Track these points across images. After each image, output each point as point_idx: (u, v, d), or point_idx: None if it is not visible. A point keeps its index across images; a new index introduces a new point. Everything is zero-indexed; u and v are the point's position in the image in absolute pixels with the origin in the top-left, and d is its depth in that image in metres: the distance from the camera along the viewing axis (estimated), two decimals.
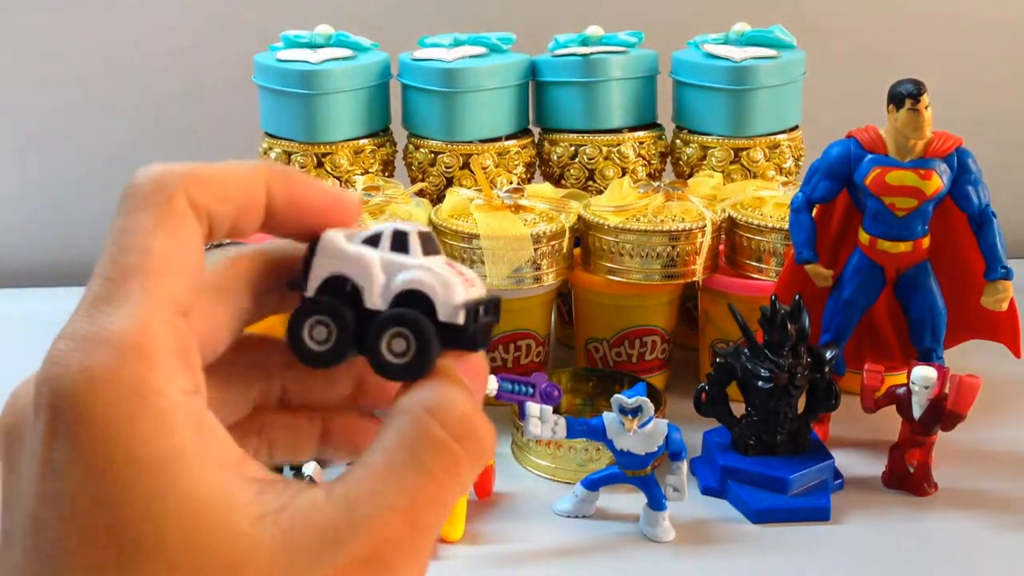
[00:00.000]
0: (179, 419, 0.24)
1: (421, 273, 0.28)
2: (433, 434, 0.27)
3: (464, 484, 0.27)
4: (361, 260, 0.28)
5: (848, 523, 0.78)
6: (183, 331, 0.25)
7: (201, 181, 0.27)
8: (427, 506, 0.26)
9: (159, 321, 0.24)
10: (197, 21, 1.31)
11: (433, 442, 0.27)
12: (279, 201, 0.28)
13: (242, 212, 0.28)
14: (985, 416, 0.89)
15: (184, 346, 0.25)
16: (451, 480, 0.27)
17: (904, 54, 1.37)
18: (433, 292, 0.28)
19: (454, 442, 0.27)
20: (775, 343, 0.79)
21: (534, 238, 0.89)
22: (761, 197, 0.95)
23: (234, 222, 0.28)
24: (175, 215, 0.26)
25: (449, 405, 0.27)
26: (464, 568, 0.73)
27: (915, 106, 0.79)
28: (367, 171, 1.02)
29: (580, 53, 1.02)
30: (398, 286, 0.28)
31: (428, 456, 0.26)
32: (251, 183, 0.28)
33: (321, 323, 0.28)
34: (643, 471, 0.76)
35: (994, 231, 0.83)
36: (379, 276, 0.28)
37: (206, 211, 0.27)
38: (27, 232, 1.38)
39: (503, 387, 0.71)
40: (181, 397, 0.24)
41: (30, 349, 1.23)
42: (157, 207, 0.26)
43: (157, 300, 0.25)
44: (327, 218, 0.29)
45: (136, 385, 0.23)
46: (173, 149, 1.35)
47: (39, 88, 1.33)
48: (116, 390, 0.23)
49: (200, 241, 0.27)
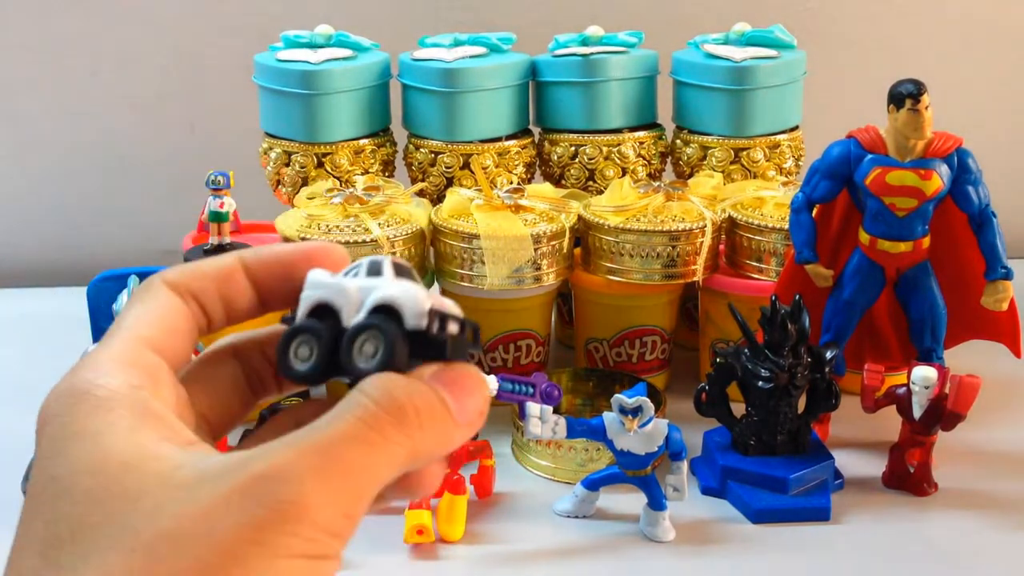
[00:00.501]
0: (117, 402, 0.28)
1: (390, 289, 0.31)
2: (353, 396, 0.28)
3: (391, 447, 0.28)
4: (339, 287, 0.32)
5: (848, 523, 0.78)
6: (139, 349, 0.30)
7: (177, 268, 0.32)
8: (342, 445, 0.27)
9: (117, 344, 0.30)
10: (197, 21, 1.31)
11: (352, 401, 0.28)
12: (254, 264, 0.32)
13: (221, 283, 0.32)
14: (985, 416, 0.89)
15: (135, 358, 0.29)
16: (370, 433, 0.27)
17: (904, 54, 1.37)
18: (399, 303, 0.31)
19: (372, 402, 0.28)
20: (775, 343, 0.79)
21: (534, 238, 0.89)
22: (761, 197, 0.95)
23: (220, 293, 0.32)
24: (150, 291, 0.32)
25: (380, 382, 0.29)
26: (464, 568, 0.73)
27: (915, 106, 0.79)
28: (367, 171, 1.02)
29: (580, 53, 1.02)
30: (370, 303, 0.31)
31: (347, 411, 0.28)
32: (223, 260, 0.33)
33: (304, 343, 0.32)
34: (643, 471, 0.76)
35: (994, 231, 0.83)
36: (354, 296, 0.32)
37: (185, 287, 0.32)
38: (27, 232, 1.38)
39: (503, 387, 0.71)
40: (125, 389, 0.28)
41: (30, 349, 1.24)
42: (139, 293, 0.32)
43: (121, 337, 0.30)
44: (308, 266, 0.33)
45: (82, 384, 0.28)
46: (173, 149, 1.35)
47: (39, 88, 1.33)
48: (67, 389, 0.28)
49: (171, 302, 0.32)
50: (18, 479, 0.74)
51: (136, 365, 0.29)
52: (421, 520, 0.73)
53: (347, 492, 0.27)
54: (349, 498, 0.27)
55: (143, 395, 0.28)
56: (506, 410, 0.88)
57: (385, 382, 0.29)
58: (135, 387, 0.28)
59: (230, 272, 0.32)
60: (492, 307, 0.94)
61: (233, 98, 1.28)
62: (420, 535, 0.74)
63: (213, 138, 1.34)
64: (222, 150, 1.26)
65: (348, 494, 0.27)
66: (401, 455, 0.28)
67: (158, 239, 1.33)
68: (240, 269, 0.32)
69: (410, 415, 0.28)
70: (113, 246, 1.37)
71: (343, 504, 0.27)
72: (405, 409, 0.28)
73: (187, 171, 1.25)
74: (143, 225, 1.37)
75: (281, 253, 0.33)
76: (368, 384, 0.29)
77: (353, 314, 0.31)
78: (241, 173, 1.02)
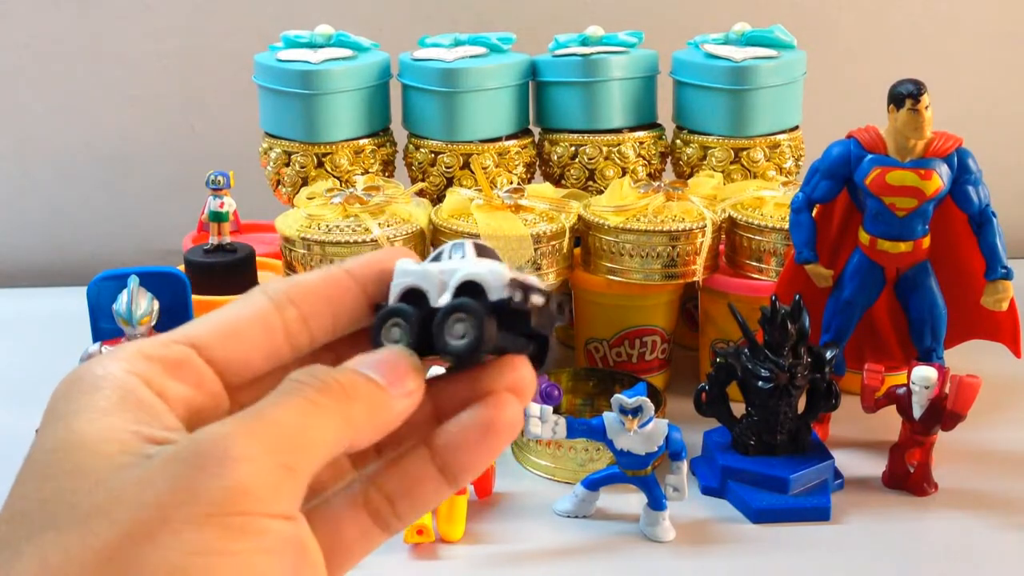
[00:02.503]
0: (103, 385, 0.28)
1: (472, 267, 0.32)
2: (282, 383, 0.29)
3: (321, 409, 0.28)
4: (425, 271, 0.33)
5: (848, 523, 0.78)
6: (167, 342, 0.30)
7: (282, 279, 0.32)
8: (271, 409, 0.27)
9: (158, 337, 0.30)
10: (197, 21, 1.31)
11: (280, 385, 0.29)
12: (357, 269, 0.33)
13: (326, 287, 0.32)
14: (985, 416, 0.89)
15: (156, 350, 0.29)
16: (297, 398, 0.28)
17: (904, 54, 1.37)
18: (482, 279, 0.32)
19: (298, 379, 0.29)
20: (775, 343, 0.79)
21: (534, 238, 0.89)
22: (761, 197, 0.95)
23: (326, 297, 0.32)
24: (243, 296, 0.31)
25: (305, 370, 0.29)
26: (464, 568, 0.73)
27: (915, 106, 0.79)
28: (367, 171, 1.02)
29: (580, 53, 1.02)
30: (455, 282, 0.32)
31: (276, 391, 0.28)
32: (328, 268, 0.32)
33: (395, 325, 0.32)
34: (643, 471, 0.76)
35: (994, 231, 0.83)
36: (439, 278, 0.33)
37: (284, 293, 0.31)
38: (27, 232, 1.38)
39: None
40: (118, 373, 0.28)
41: (30, 349, 1.23)
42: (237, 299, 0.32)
43: (166, 333, 0.30)
44: None
45: (85, 368, 0.29)
46: (173, 149, 1.35)
47: (39, 88, 1.33)
48: (72, 373, 0.29)
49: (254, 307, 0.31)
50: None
51: (152, 357, 0.29)
52: (421, 520, 0.73)
53: (279, 444, 0.26)
54: (282, 449, 0.26)
55: (131, 380, 0.28)
56: None
57: (310, 369, 0.29)
58: (128, 372, 0.28)
59: (336, 277, 0.32)
60: None
61: (233, 98, 1.28)
62: (420, 535, 0.74)
63: (213, 138, 1.34)
64: (222, 150, 1.26)
65: (280, 446, 0.26)
66: (334, 419, 0.28)
67: (158, 239, 1.33)
68: (345, 275, 0.32)
69: (334, 386, 0.29)
70: (113, 246, 1.37)
71: (277, 455, 0.26)
72: (329, 382, 0.29)
73: (187, 171, 1.26)
74: (143, 225, 1.37)
75: (379, 255, 0.33)
76: (294, 373, 0.29)
77: (439, 294, 0.32)
78: (241, 173, 1.02)
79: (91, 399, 0.27)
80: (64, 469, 0.26)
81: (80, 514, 0.25)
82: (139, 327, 0.79)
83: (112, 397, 0.27)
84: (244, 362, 0.30)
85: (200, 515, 0.25)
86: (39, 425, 0.28)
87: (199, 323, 0.30)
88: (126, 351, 0.29)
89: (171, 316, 0.82)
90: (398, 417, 0.30)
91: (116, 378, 0.28)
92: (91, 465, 0.26)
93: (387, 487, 0.31)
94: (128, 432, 0.27)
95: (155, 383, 0.28)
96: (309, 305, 0.31)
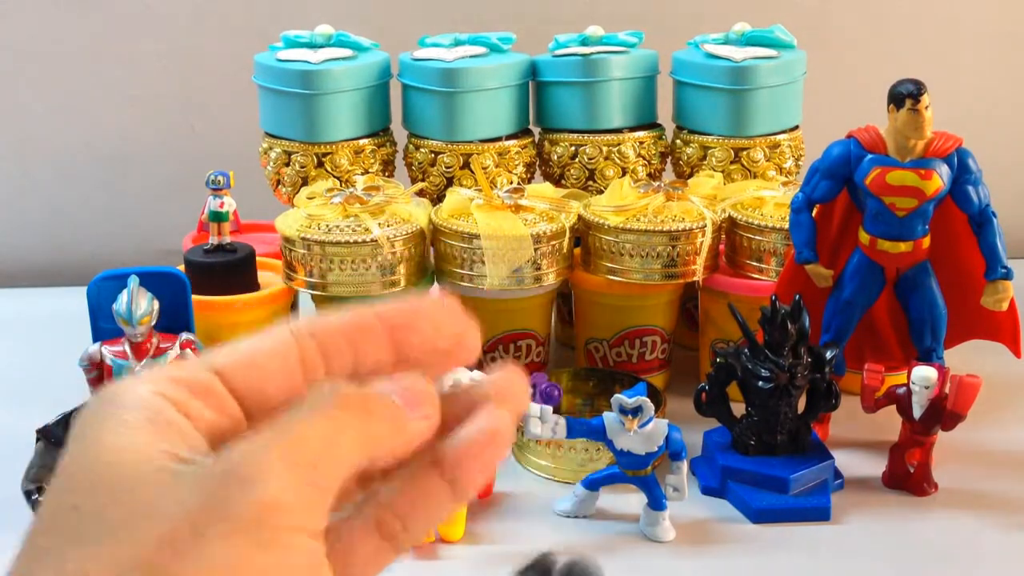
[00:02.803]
0: (132, 405, 0.28)
1: None
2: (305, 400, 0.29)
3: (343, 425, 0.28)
4: None
5: (848, 523, 0.78)
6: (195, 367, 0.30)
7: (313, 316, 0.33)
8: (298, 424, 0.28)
9: (187, 362, 0.31)
10: (197, 21, 1.31)
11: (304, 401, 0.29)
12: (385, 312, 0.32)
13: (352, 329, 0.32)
14: (985, 416, 0.89)
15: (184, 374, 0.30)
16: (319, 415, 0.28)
17: (904, 54, 1.37)
18: None
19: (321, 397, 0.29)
20: (775, 343, 0.79)
21: (534, 238, 0.89)
22: (761, 197, 0.95)
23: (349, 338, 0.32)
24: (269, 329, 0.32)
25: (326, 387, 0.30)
26: (464, 568, 0.73)
27: (915, 106, 0.79)
28: (367, 171, 1.02)
29: (580, 53, 1.02)
30: None
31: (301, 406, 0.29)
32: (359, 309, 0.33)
33: None
34: (643, 471, 0.76)
35: (994, 231, 0.83)
36: None
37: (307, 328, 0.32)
38: (27, 232, 1.38)
39: None
40: (146, 394, 0.29)
41: (30, 349, 1.23)
42: None
43: (195, 358, 0.32)
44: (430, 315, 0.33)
45: (115, 388, 0.29)
46: (173, 149, 1.35)
47: (39, 88, 1.33)
48: (103, 392, 0.29)
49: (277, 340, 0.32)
50: (18, 479, 0.74)
51: (179, 381, 0.30)
52: None
53: (307, 459, 0.27)
54: (310, 465, 0.27)
55: (160, 402, 0.29)
56: None
57: (335, 385, 0.30)
58: (156, 394, 0.29)
59: (362, 317, 0.32)
60: (492, 307, 0.94)
61: (233, 98, 1.28)
62: None
63: (213, 138, 1.34)
64: (222, 150, 1.26)
65: (308, 461, 0.27)
66: (358, 436, 0.29)
67: (158, 239, 1.33)
68: (373, 316, 0.32)
69: (358, 403, 0.29)
70: (113, 246, 1.37)
71: (305, 470, 0.27)
72: (353, 399, 0.29)
73: (187, 171, 1.25)
74: (143, 225, 1.37)
75: (413, 304, 0.33)
76: (320, 386, 0.30)
77: None
78: (241, 173, 1.02)
79: (121, 417, 0.28)
80: (95, 483, 0.27)
81: (111, 527, 0.26)
82: (139, 327, 0.79)
83: (141, 416, 0.28)
84: (262, 391, 0.31)
85: (231, 529, 0.25)
86: (70, 439, 0.29)
87: (222, 352, 0.31)
88: (154, 375, 0.30)
89: (171, 316, 0.82)
90: (415, 438, 0.30)
91: (145, 399, 0.29)
92: (123, 479, 0.27)
93: (396, 504, 0.31)
94: (158, 450, 0.27)
95: (182, 405, 0.29)
96: (330, 340, 0.32)
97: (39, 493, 0.73)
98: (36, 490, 0.73)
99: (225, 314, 0.92)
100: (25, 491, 0.73)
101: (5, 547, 0.28)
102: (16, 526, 0.28)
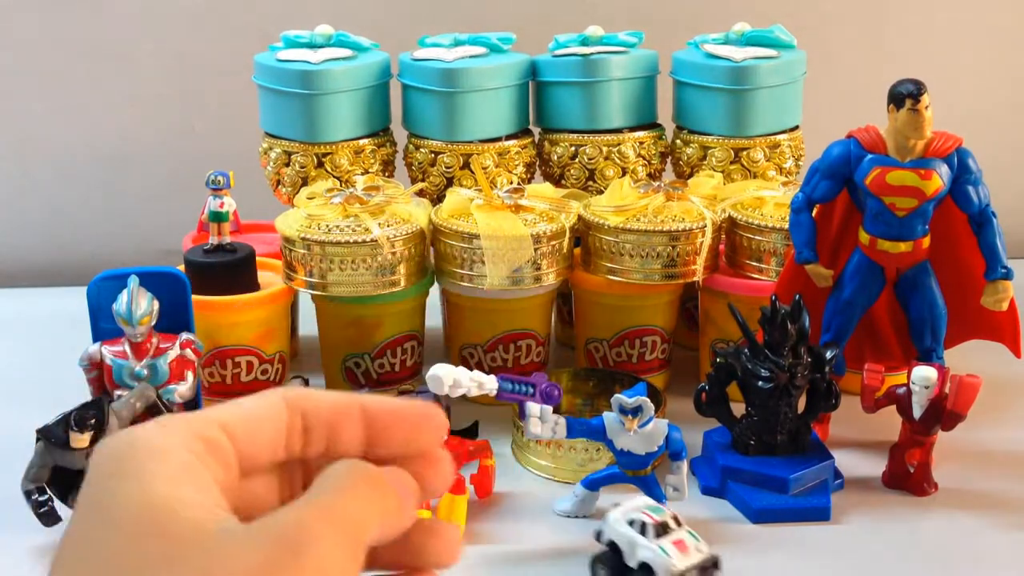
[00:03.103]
0: (167, 456, 0.30)
1: (646, 553, 0.65)
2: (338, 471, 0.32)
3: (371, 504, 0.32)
4: (625, 536, 0.66)
5: (848, 523, 0.78)
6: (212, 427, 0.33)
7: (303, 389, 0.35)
8: (339, 498, 0.31)
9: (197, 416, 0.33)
10: (197, 21, 1.31)
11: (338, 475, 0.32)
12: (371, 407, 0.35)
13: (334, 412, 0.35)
14: (985, 416, 0.89)
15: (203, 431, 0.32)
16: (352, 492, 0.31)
17: (904, 54, 1.37)
18: (653, 564, 0.64)
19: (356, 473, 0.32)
20: (775, 343, 0.79)
21: (534, 238, 0.89)
22: (761, 197, 0.95)
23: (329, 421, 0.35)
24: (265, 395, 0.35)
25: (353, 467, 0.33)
26: (464, 568, 0.73)
27: (915, 106, 0.79)
28: (367, 171, 1.02)
29: (580, 53, 1.02)
30: (638, 558, 0.65)
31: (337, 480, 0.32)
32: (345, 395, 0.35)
33: (602, 566, 0.68)
34: (643, 471, 0.76)
35: (994, 231, 0.83)
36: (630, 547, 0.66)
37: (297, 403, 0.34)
38: (27, 232, 1.38)
39: (503, 387, 0.72)
40: (178, 447, 0.31)
41: (30, 349, 1.22)
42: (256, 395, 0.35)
43: (204, 414, 0.33)
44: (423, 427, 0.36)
45: (143, 433, 0.31)
46: (173, 149, 1.35)
47: (39, 88, 1.33)
48: (128, 434, 0.31)
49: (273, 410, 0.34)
50: (18, 479, 0.73)
51: (201, 437, 0.32)
52: None
53: (346, 529, 0.30)
54: (349, 534, 0.30)
55: (190, 458, 0.31)
56: (506, 410, 0.88)
57: (362, 464, 0.33)
58: (187, 448, 0.31)
59: (347, 405, 0.35)
60: (492, 307, 0.94)
61: (233, 98, 1.28)
62: None
63: (213, 138, 1.34)
64: (222, 150, 1.26)
65: (348, 530, 0.30)
66: (379, 511, 0.32)
67: (158, 239, 1.33)
68: (358, 408, 0.35)
69: (381, 483, 0.33)
70: (113, 246, 1.37)
71: (346, 539, 0.30)
72: (378, 480, 0.33)
73: (187, 171, 1.25)
74: (143, 225, 1.38)
75: (401, 405, 0.36)
76: (351, 463, 0.33)
77: (630, 559, 0.66)
78: (241, 173, 1.02)
79: (160, 467, 0.30)
80: (151, 532, 0.29)
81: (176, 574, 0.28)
82: (139, 327, 0.79)
83: (178, 467, 0.30)
84: (254, 456, 0.34)
85: None
86: (94, 475, 0.30)
87: (229, 411, 0.33)
88: (178, 426, 0.32)
89: (171, 316, 0.82)
90: (408, 524, 0.34)
91: (176, 452, 0.31)
92: (176, 531, 0.29)
93: None
94: (202, 504, 0.30)
95: (204, 460, 0.32)
96: (315, 421, 0.34)
97: (39, 493, 0.73)
98: (36, 490, 0.73)
99: (225, 314, 0.92)
100: (25, 491, 0.73)
101: (5, 547, 0.28)
102: (16, 526, 0.28)
